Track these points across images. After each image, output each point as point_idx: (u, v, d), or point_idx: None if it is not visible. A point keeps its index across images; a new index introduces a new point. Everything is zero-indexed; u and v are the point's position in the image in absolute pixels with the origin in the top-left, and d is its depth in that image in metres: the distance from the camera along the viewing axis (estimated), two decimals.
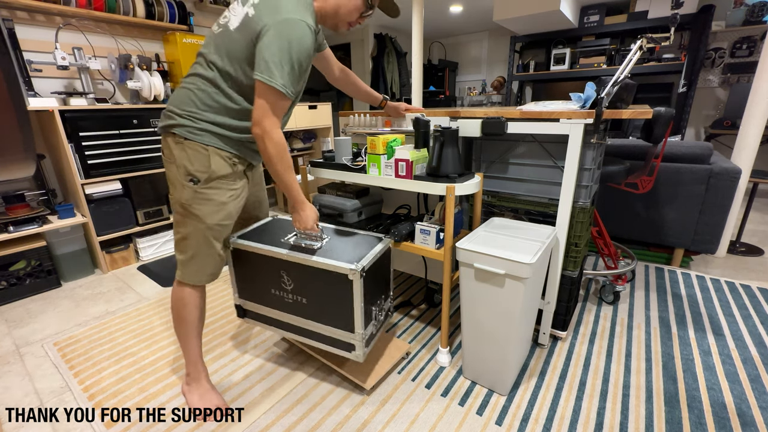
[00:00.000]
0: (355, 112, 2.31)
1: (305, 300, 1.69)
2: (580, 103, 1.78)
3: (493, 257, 1.57)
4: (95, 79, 3.25)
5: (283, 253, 1.64)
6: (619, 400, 1.73)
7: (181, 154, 1.46)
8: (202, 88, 1.45)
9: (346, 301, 1.59)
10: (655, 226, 2.90)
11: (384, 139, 1.84)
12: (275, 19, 1.33)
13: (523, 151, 1.96)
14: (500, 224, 1.91)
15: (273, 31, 1.32)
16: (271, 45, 1.32)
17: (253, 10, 1.37)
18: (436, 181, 1.73)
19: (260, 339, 2.18)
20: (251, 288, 1.82)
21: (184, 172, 1.47)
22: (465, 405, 1.72)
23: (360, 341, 1.64)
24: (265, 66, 1.33)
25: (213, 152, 1.48)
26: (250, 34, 1.36)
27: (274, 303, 1.78)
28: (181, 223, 1.54)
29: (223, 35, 1.43)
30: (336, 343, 1.70)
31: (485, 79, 6.68)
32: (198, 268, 1.58)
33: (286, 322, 1.78)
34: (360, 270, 1.52)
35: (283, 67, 1.34)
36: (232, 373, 1.92)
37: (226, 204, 1.54)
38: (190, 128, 1.45)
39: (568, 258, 1.94)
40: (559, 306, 2.03)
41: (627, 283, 2.73)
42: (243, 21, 1.38)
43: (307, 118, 4.35)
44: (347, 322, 1.63)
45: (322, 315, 1.68)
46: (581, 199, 1.85)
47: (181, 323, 1.64)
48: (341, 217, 2.10)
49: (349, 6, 1.51)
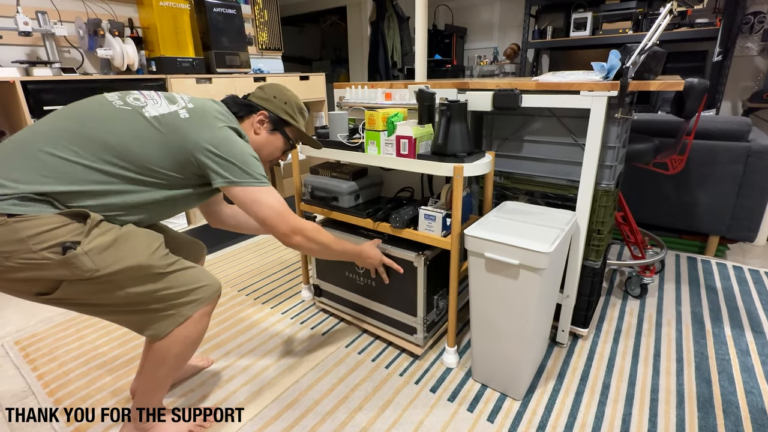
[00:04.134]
0: (352, 83, 2.29)
1: (374, 283, 2.06)
2: (603, 73, 1.75)
3: (505, 246, 1.55)
4: (61, 46, 3.20)
5: (359, 240, 2.01)
6: (647, 406, 1.72)
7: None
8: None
9: (411, 286, 1.91)
10: (687, 211, 2.88)
11: (384, 113, 1.83)
12: (214, 127, 1.37)
13: (540, 127, 1.94)
14: (514, 209, 1.90)
15: (218, 137, 1.35)
16: (225, 148, 1.35)
17: (187, 113, 1.37)
18: (442, 161, 1.71)
19: (245, 338, 2.18)
20: (329, 270, 2.27)
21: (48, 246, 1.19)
22: (474, 411, 1.71)
23: (421, 325, 1.95)
24: (237, 170, 1.36)
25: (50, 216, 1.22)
26: (175, 137, 1.33)
27: (347, 284, 2.20)
28: (109, 299, 1.30)
29: (127, 114, 1.32)
30: (399, 325, 2.05)
31: (497, 47, 6.62)
32: (188, 290, 1.38)
33: (356, 302, 2.20)
34: (424, 258, 1.83)
35: (246, 159, 1.38)
36: (213, 377, 1.91)
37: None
38: None
39: (589, 247, 1.93)
40: (580, 300, 2.02)
41: (656, 275, 2.71)
42: (169, 116, 1.35)
43: (298, 90, 4.31)
44: (410, 306, 1.95)
45: (388, 297, 2.04)
46: (604, 180, 1.83)
47: (180, 362, 1.44)
48: (336, 200, 2.09)
49: (271, 147, 1.65)
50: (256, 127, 1.60)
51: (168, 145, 1.32)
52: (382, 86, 2.20)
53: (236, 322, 2.31)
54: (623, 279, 2.68)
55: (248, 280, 2.80)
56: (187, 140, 1.33)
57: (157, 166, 1.32)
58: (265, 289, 2.68)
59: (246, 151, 1.38)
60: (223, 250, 3.31)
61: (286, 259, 3.09)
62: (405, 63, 6.28)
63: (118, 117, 1.30)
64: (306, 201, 2.24)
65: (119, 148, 1.26)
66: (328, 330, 2.23)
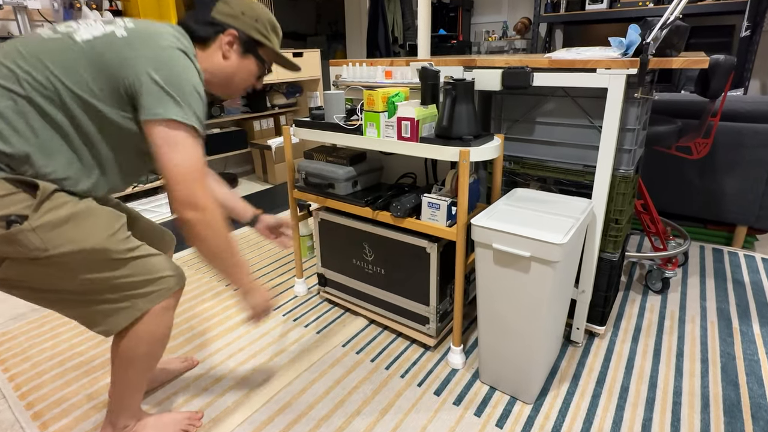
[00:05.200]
0: (350, 60, 2.28)
1: (384, 271, 2.08)
2: (622, 49, 1.75)
3: (516, 236, 1.54)
4: (34, 20, 3.18)
5: (367, 225, 2.04)
6: (669, 410, 1.71)
7: None
8: None
9: (423, 274, 1.94)
10: (713, 199, 2.87)
11: (384, 93, 1.82)
12: (157, 46, 1.24)
13: (553, 108, 1.93)
14: (525, 196, 1.89)
15: (160, 59, 1.22)
16: (165, 73, 1.21)
17: (125, 32, 1.24)
18: (446, 145, 1.70)
19: (232, 337, 2.17)
20: (334, 258, 2.28)
21: None
22: (482, 415, 1.70)
23: (434, 314, 1.97)
24: (171, 104, 1.20)
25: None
26: (109, 59, 1.20)
27: (355, 273, 2.21)
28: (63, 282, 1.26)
29: (56, 43, 1.23)
30: (410, 315, 2.07)
31: (506, 21, 6.59)
32: (148, 280, 1.34)
33: (364, 292, 2.21)
34: (438, 244, 1.85)
35: (186, 96, 1.23)
36: (198, 379, 1.91)
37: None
38: None
39: (607, 237, 1.92)
40: (597, 296, 2.01)
41: (678, 268, 2.71)
42: (104, 38, 1.22)
43: None
44: (423, 295, 1.98)
45: (399, 286, 2.06)
46: (623, 165, 1.83)
47: (150, 361, 1.44)
48: (332, 187, 2.08)
49: (243, 73, 1.50)
50: (225, 49, 1.44)
51: (103, 70, 1.20)
52: (382, 63, 2.19)
53: (223, 320, 2.30)
54: (643, 273, 2.67)
55: None
56: (122, 63, 1.19)
57: (94, 99, 1.21)
58: None
59: (190, 82, 1.24)
60: None
61: (279, 251, 3.08)
62: (407, 38, 6.25)
63: (47, 48, 1.20)
64: (299, 188, 2.23)
65: (48, 82, 1.17)
66: (323, 328, 2.22)
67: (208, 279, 2.69)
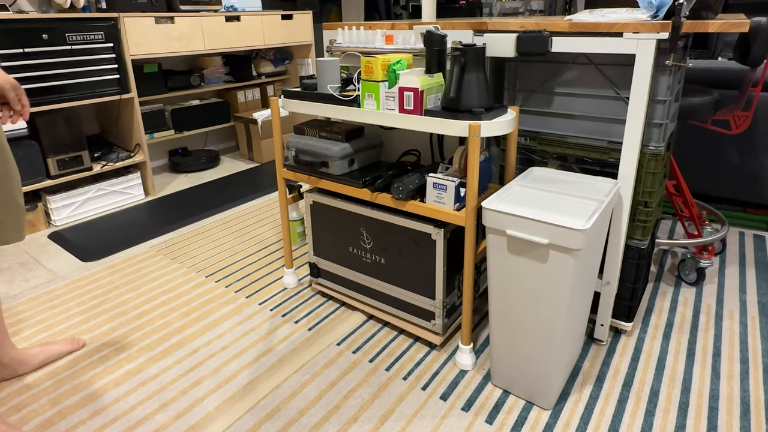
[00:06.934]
0: (346, 23, 2.28)
1: (384, 260, 2.07)
2: (652, 11, 1.74)
3: (532, 221, 1.53)
4: None
5: (365, 209, 2.03)
6: (705, 416, 1.71)
7: None
8: None
9: (428, 264, 1.93)
10: (754, 179, 2.88)
11: (384, 60, 1.81)
12: None
13: (574, 77, 1.93)
14: (542, 176, 1.89)
15: None
16: None
17: None
18: (454, 118, 1.69)
19: (214, 334, 2.18)
20: (328, 245, 2.28)
21: None
22: (494, 423, 1.71)
23: (440, 309, 1.96)
24: None
25: None
26: None
27: (352, 263, 2.21)
28: None
29: None
30: (413, 310, 2.06)
31: None
32: None
33: (362, 284, 2.21)
34: (444, 230, 1.84)
35: None
36: (175, 381, 1.91)
37: None
38: None
39: (634, 223, 1.92)
40: (623, 288, 2.01)
41: (715, 257, 2.71)
42: None
43: (280, 31, 4.27)
44: (428, 287, 1.97)
45: (401, 277, 2.06)
46: (652, 141, 1.82)
47: None
48: (325, 166, 2.08)
49: None
50: None
51: None
52: (381, 27, 2.19)
53: (204, 315, 2.31)
54: (675, 262, 2.68)
55: (219, 264, 2.79)
56: None
57: None
58: (239, 274, 2.68)
59: None
60: (188, 227, 3.30)
61: (266, 238, 3.08)
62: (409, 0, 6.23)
63: None
64: (289, 167, 2.23)
65: None
66: (315, 324, 2.23)
67: (186, 269, 2.70)
